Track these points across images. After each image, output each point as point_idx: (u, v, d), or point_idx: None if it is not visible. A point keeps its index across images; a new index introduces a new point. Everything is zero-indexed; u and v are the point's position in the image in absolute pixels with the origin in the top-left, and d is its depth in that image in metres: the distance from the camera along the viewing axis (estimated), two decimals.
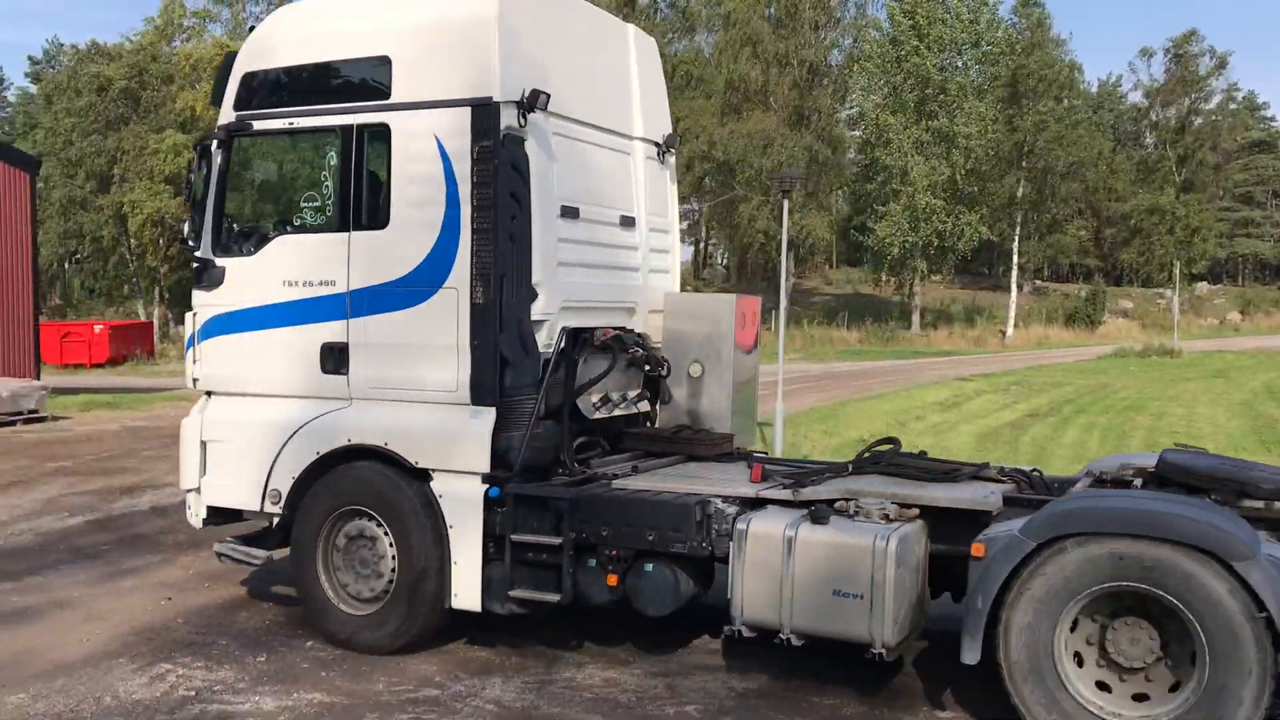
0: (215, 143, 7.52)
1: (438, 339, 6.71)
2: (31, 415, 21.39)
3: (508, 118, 6.58)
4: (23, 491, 13.12)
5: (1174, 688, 5.29)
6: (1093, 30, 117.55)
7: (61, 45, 75.79)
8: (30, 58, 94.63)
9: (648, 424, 8.18)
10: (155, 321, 57.28)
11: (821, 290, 68.33)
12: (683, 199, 74.57)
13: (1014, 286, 57.37)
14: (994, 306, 60.12)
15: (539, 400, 6.66)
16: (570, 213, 7.19)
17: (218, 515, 7.60)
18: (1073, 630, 5.42)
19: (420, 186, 6.82)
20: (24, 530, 10.72)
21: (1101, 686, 5.41)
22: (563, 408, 6.99)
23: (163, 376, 40.46)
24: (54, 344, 44.05)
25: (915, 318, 54.49)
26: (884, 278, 55.87)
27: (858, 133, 59.81)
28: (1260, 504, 5.73)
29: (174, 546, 9.95)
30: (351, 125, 7.05)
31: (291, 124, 7.40)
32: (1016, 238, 57.62)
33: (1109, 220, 77.04)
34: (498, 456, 6.55)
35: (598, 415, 7.41)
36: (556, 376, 6.91)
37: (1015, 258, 58.50)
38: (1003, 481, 6.62)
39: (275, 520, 7.25)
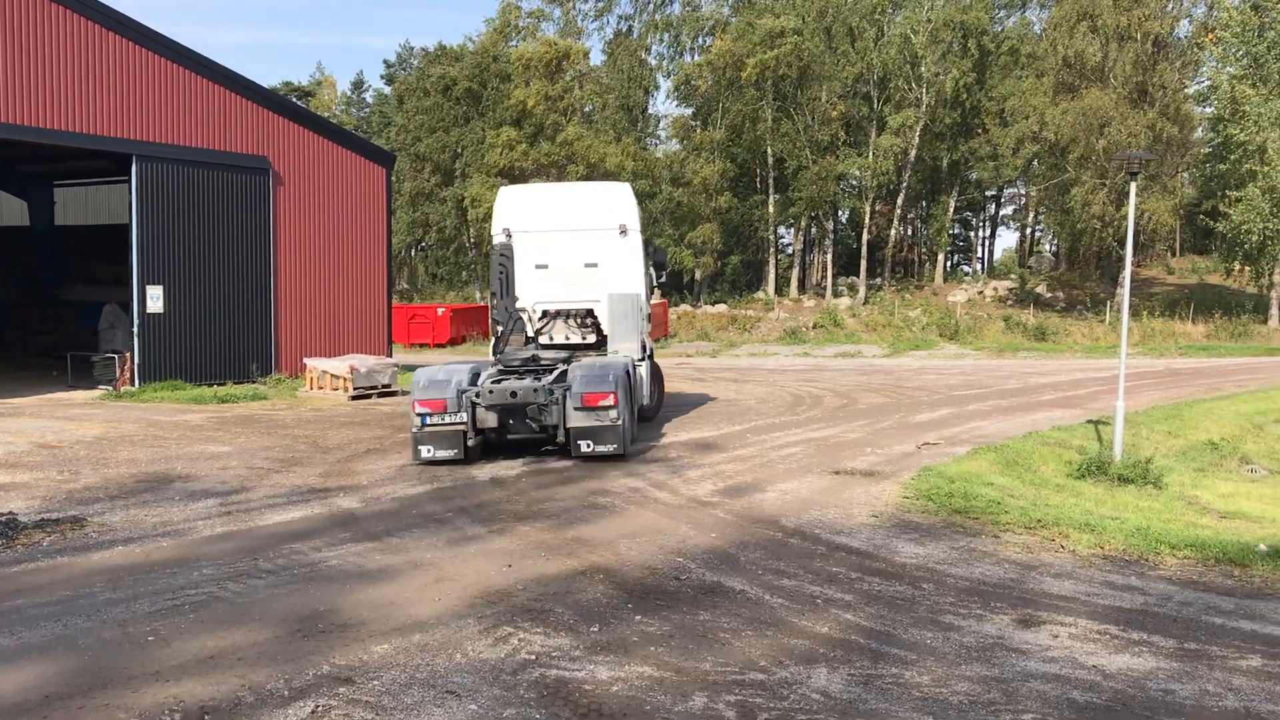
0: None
1: None
2: (385, 390, 23.36)
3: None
4: (379, 459, 14.37)
5: None
6: None
7: (412, 49, 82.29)
8: (385, 61, 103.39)
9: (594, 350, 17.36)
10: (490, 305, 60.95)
11: (1163, 280, 63.31)
12: (1009, 183, 71.28)
13: None
14: None
15: None
16: (541, 266, 17.37)
17: None
18: None
19: None
20: (382, 495, 11.73)
21: None
22: None
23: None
24: (403, 325, 47.99)
25: (1274, 311, 49.41)
26: (1237, 267, 50.94)
27: (1208, 109, 54.92)
28: None
29: (511, 516, 10.56)
30: None
31: None
32: None
33: None
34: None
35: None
36: None
37: None
38: None
39: None
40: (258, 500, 11.39)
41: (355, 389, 22.52)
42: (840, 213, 67.25)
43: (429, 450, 13.71)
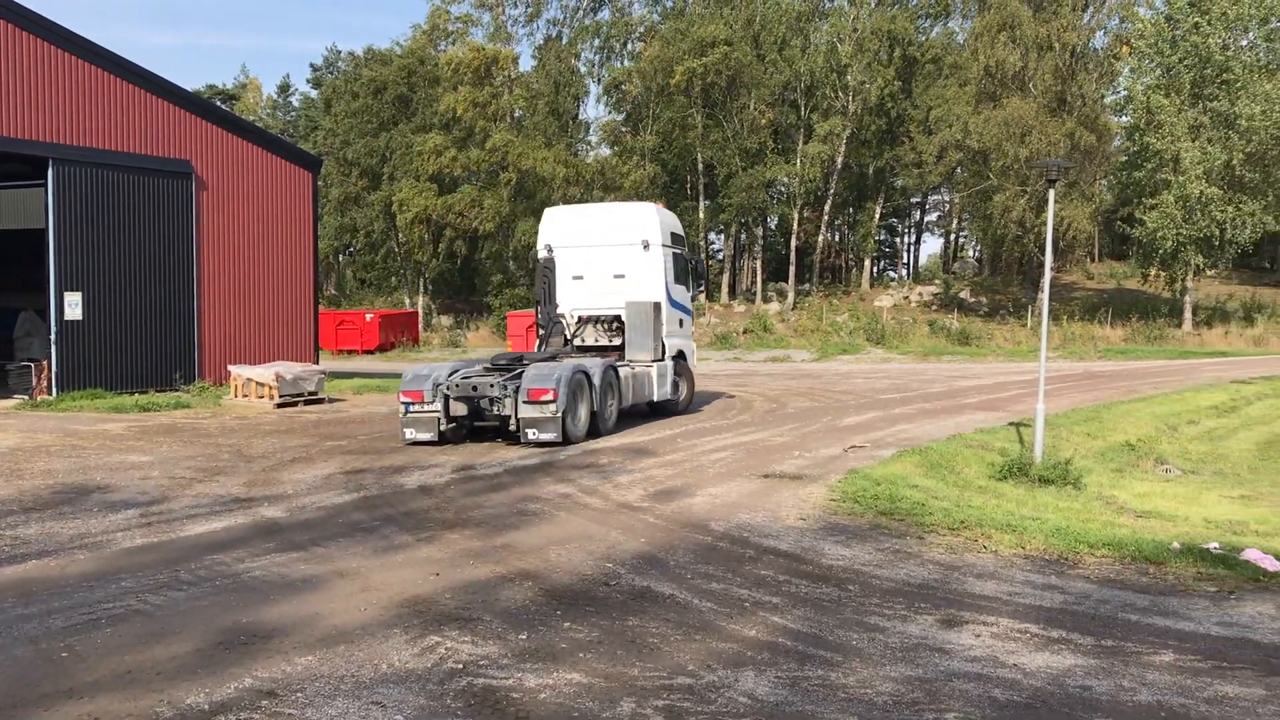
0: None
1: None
2: (311, 397, 23.07)
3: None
4: (305, 467, 14.17)
5: None
6: None
7: (339, 52, 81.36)
8: (312, 65, 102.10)
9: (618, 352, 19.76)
10: (420, 311, 60.54)
11: (1083, 285, 64.82)
12: (934, 190, 72.59)
13: None
14: (1277, 304, 55.35)
15: None
16: (578, 277, 20.04)
17: None
18: None
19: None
20: (308, 504, 11.57)
21: None
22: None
23: (426, 363, 42.82)
24: (330, 331, 47.41)
25: (1187, 315, 50.86)
26: (1153, 272, 52.34)
27: (1125, 118, 56.43)
28: None
29: (440, 524, 10.48)
30: None
31: None
32: None
33: None
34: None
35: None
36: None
37: None
38: None
39: None
40: (179, 511, 11.16)
41: (281, 397, 22.20)
42: (769, 219, 67.89)
43: (412, 432, 16.26)
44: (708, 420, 19.82)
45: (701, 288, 23.79)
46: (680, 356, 20.88)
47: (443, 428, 16.16)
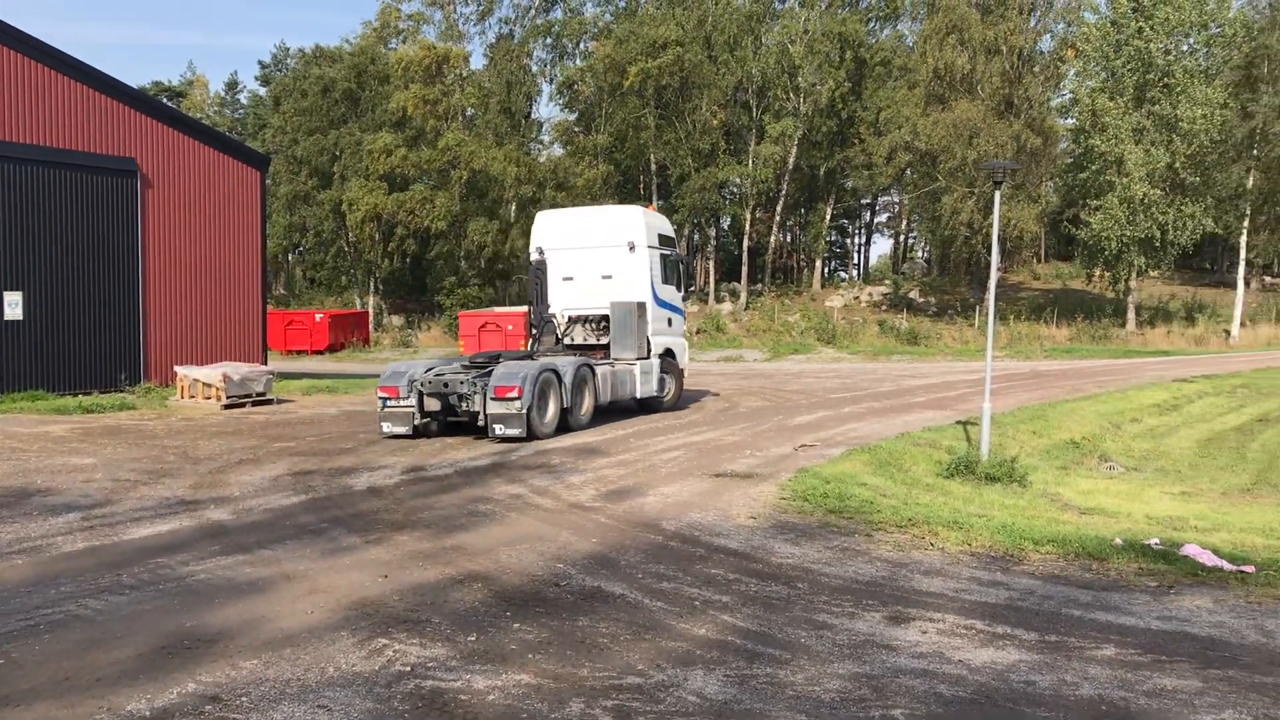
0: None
1: None
2: (259, 398, 22.80)
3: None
4: (252, 469, 14.01)
5: None
6: None
7: (288, 49, 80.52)
8: (260, 62, 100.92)
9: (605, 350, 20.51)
10: (370, 311, 60.05)
11: (1029, 285, 65.70)
12: (884, 191, 73.16)
13: (1241, 283, 53.65)
14: (1218, 304, 56.48)
15: None
16: (568, 278, 20.70)
17: None
18: None
19: None
20: (255, 506, 11.44)
21: None
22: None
23: (377, 363, 42.43)
24: (279, 331, 46.87)
25: (1130, 315, 51.75)
26: (1097, 273, 53.20)
27: (1070, 121, 57.28)
28: None
29: (389, 525, 10.41)
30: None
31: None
32: (1245, 230, 53.85)
33: None
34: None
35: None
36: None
37: (1243, 252, 54.70)
38: None
39: None
40: (123, 513, 10.98)
41: (229, 398, 21.92)
42: (722, 220, 68.14)
43: (389, 426, 17.14)
44: (660, 420, 19.85)
45: (692, 286, 25.88)
46: (669, 354, 21.51)
47: (417, 422, 16.97)
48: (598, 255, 20.53)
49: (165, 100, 66.64)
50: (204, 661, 6.44)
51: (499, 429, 16.33)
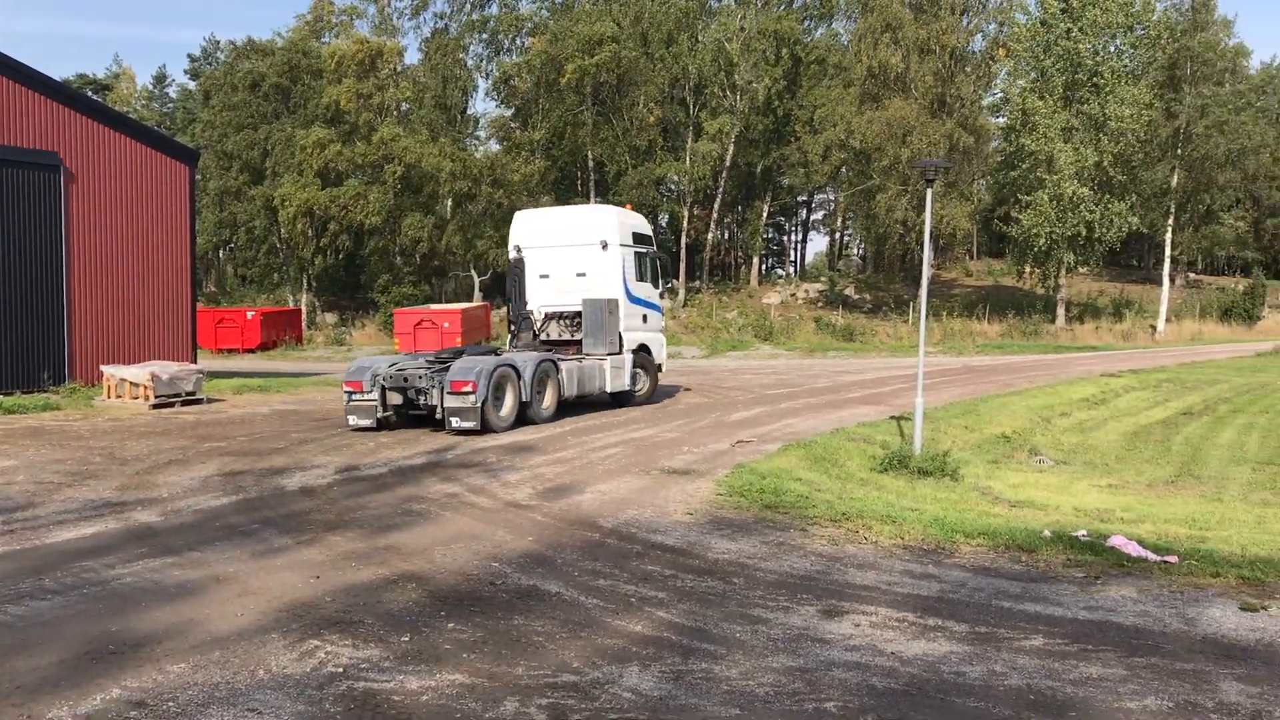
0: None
1: None
2: (189, 398, 22.39)
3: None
4: (181, 470, 13.75)
5: None
6: (1259, 11, 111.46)
7: (218, 43, 79.09)
8: (190, 55, 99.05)
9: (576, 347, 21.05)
10: (304, 309, 59.21)
11: (962, 282, 66.69)
12: (819, 189, 73.83)
13: (1166, 279, 54.99)
14: (1144, 300, 57.82)
15: None
16: (544, 276, 21.36)
17: None
18: None
19: None
20: (183, 508, 11.22)
21: None
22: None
23: (310, 361, 41.91)
24: (209, 329, 46.06)
25: (1060, 311, 52.79)
26: (1028, 269, 54.18)
27: (1002, 119, 58.24)
28: None
29: (321, 526, 10.27)
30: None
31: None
32: (1170, 228, 55.21)
33: (1271, 210, 73.23)
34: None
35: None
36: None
37: (1168, 249, 56.08)
38: None
39: None
40: (45, 516, 10.71)
41: (157, 397, 21.49)
42: (660, 217, 68.19)
43: (354, 419, 17.76)
44: (598, 417, 19.83)
45: (670, 283, 26.85)
46: (644, 350, 21.93)
47: (379, 415, 17.65)
48: (573, 254, 21.03)
49: (90, 94, 65.11)
50: (130, 666, 6.30)
51: (455, 422, 16.89)
